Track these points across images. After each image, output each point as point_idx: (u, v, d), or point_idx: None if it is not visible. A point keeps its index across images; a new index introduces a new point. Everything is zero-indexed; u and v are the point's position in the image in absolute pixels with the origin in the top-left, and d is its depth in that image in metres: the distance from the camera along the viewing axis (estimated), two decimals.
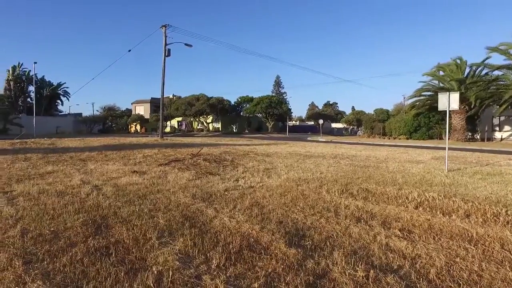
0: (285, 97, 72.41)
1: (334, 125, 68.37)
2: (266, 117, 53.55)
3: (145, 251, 2.92)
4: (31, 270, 2.54)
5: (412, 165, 9.66)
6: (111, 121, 48.34)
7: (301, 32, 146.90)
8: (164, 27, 24.67)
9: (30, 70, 41.56)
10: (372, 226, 3.73)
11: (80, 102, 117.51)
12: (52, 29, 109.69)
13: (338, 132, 60.06)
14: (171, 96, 56.38)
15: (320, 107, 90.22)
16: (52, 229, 3.47)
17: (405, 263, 2.78)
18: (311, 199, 4.96)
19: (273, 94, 65.38)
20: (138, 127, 52.72)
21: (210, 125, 52.27)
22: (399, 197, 5.18)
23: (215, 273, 2.55)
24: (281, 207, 4.49)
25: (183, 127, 53.35)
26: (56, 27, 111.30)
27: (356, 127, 55.96)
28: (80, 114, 57.62)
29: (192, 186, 5.84)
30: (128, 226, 3.58)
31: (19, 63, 41.60)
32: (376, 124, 38.90)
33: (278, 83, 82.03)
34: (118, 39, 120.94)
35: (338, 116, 74.72)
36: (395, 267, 2.71)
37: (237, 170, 7.88)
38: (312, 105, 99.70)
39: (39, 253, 2.87)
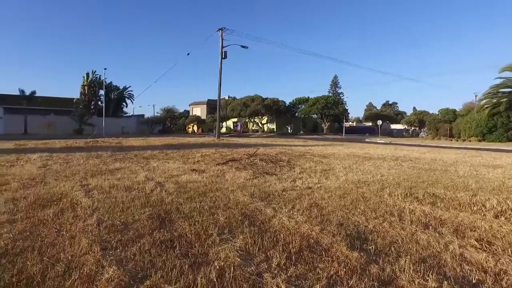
0: (342, 98, 70.39)
1: (393, 126, 64.97)
2: (322, 118, 52.61)
3: (207, 246, 3.02)
4: (107, 256, 2.76)
5: (487, 169, 8.77)
6: (170, 122, 51.15)
7: (359, 29, 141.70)
8: (220, 30, 25.48)
9: (100, 75, 45.70)
10: (442, 233, 3.44)
11: (143, 104, 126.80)
12: (118, 35, 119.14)
13: (398, 134, 56.95)
14: (226, 98, 58.03)
15: (379, 108, 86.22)
16: (122, 220, 3.74)
17: (487, 278, 2.50)
18: (372, 202, 4.73)
19: (330, 94, 63.89)
20: (195, 127, 55.12)
21: (265, 126, 52.74)
22: (474, 204, 4.72)
23: (275, 272, 2.54)
24: (340, 209, 4.35)
25: (238, 127, 54.55)
26: (121, 34, 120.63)
27: (418, 128, 52.53)
28: (143, 115, 61.86)
29: (250, 186, 5.92)
30: (190, 221, 3.72)
31: (92, 70, 46.00)
32: (442, 125, 36.12)
33: (335, 83, 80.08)
34: (176, 43, 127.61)
35: (398, 116, 70.83)
36: (474, 281, 2.46)
37: (294, 171, 7.83)
38: (370, 106, 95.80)
39: (112, 241, 3.11)
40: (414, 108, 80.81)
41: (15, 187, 5.55)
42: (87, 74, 45.38)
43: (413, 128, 55.23)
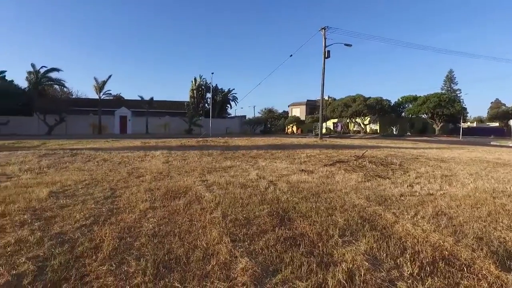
0: (458, 95, 61.95)
1: None
2: (433, 117, 47.20)
3: (330, 247, 3.02)
4: (237, 248, 3.00)
5: None
6: (270, 123, 52.71)
7: (476, 15, 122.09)
8: (323, 30, 25.15)
9: (206, 79, 49.93)
10: None
11: (243, 105, 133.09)
12: (222, 39, 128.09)
13: None
14: (326, 98, 56.96)
15: (509, 105, 72.88)
16: (244, 215, 4.01)
17: None
18: None
19: (443, 92, 56.88)
20: (295, 128, 55.56)
21: (367, 126, 49.97)
22: None
23: (410, 281, 2.39)
24: (475, 221, 3.84)
25: (339, 128, 52.99)
26: (225, 37, 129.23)
27: None
28: (245, 116, 65.18)
29: (363, 188, 5.70)
30: (309, 221, 3.78)
31: (199, 75, 50.49)
32: None
33: (450, 79, 71.08)
34: (275, 44, 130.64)
35: None
36: None
37: (409, 175, 7.23)
38: (497, 103, 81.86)
39: (239, 234, 3.37)
40: None
41: (148, 179, 6.48)
42: (195, 79, 50.00)
43: None
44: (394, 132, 46.85)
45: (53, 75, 38.52)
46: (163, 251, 2.91)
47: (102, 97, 38.98)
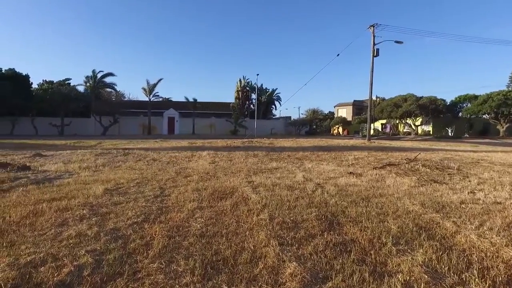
0: None
1: None
2: (497, 118, 43.19)
3: (383, 256, 2.82)
4: (285, 252, 2.91)
5: None
6: (316, 124, 51.78)
7: None
8: (372, 27, 24.20)
9: (250, 80, 50.24)
10: None
11: (288, 106, 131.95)
12: (267, 39, 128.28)
13: None
14: (374, 98, 54.72)
15: None
16: (291, 218, 3.91)
17: None
18: None
19: (510, 89, 51.82)
20: (340, 129, 54.11)
21: (419, 127, 47.17)
22: None
23: None
24: None
25: (388, 129, 50.71)
26: (270, 37, 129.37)
27: None
28: (289, 117, 64.74)
29: (417, 194, 5.33)
30: (359, 226, 3.58)
31: (243, 76, 50.92)
32: None
33: None
34: (322, 42, 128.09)
35: None
36: None
37: (469, 181, 6.63)
38: None
39: (287, 238, 3.27)
40: None
41: (196, 179, 6.61)
42: (240, 80, 50.55)
43: None
44: (450, 134, 43.74)
45: (108, 79, 41.34)
46: (210, 252, 2.91)
47: (151, 99, 41.02)
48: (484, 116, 45.86)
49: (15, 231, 3.39)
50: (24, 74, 36.93)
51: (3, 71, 35.66)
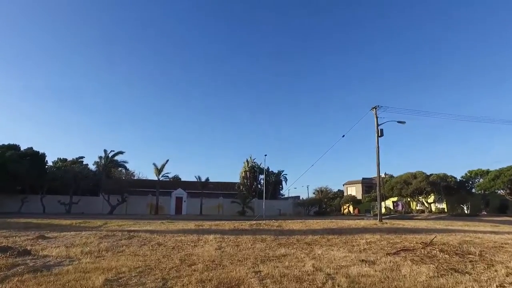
0: None
1: None
2: None
3: None
4: None
5: None
6: (325, 203, 50.75)
7: None
8: (374, 109, 25.25)
9: (255, 159, 51.12)
10: None
11: (297, 185, 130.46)
12: (272, 122, 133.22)
13: None
14: (383, 175, 54.46)
15: None
16: None
17: None
18: None
19: None
20: (351, 208, 52.90)
21: (432, 205, 45.85)
22: None
23: None
24: None
25: (399, 208, 49.38)
26: (275, 121, 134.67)
27: None
28: (298, 197, 64.07)
29: (437, 286, 4.92)
30: None
31: (250, 156, 51.89)
32: None
33: None
34: (328, 122, 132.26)
35: None
36: None
37: (495, 270, 6.15)
38: None
39: None
40: None
41: (201, 268, 6.29)
42: (247, 161, 51.34)
43: None
44: (466, 211, 42.16)
45: (119, 158, 42.68)
46: None
47: (160, 179, 41.61)
48: (499, 191, 44.58)
49: None
50: (41, 153, 38.44)
51: (22, 150, 37.28)
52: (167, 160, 41.92)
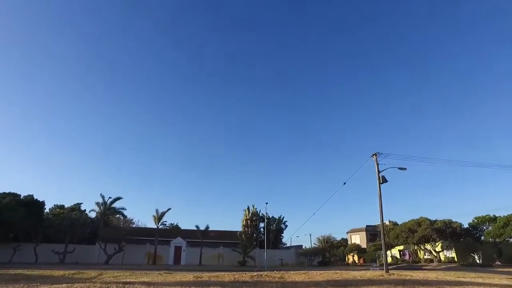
0: None
1: None
2: None
3: None
4: None
5: None
6: (329, 252, 48.87)
7: None
8: (374, 156, 25.21)
9: (256, 207, 50.05)
10: None
11: (299, 233, 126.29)
12: (273, 172, 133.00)
13: None
14: (387, 223, 53.03)
15: None
16: None
17: None
18: None
19: None
20: (356, 257, 50.80)
21: (441, 254, 43.97)
22: None
23: None
24: None
25: (406, 256, 47.48)
26: (276, 171, 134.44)
27: None
28: (301, 246, 62.00)
29: None
30: None
31: (252, 204, 50.70)
32: None
33: None
34: (329, 170, 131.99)
35: None
36: None
37: None
38: None
39: None
40: None
41: None
42: (248, 208, 50.05)
43: None
44: (478, 261, 40.25)
45: (117, 204, 41.95)
46: None
47: (159, 227, 40.61)
48: (511, 240, 42.94)
49: None
50: (40, 201, 37.85)
51: (21, 198, 36.75)
52: (169, 209, 41.13)
